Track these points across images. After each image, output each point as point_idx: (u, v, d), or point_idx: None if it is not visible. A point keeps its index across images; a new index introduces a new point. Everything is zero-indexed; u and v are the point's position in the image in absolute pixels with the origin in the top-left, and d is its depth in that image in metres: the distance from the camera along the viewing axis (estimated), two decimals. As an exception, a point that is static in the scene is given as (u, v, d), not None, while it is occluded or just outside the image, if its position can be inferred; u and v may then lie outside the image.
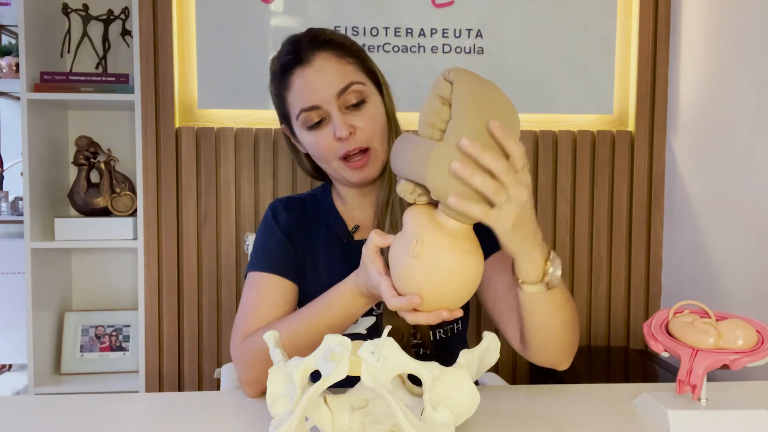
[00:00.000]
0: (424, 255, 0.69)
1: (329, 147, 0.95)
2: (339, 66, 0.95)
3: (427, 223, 0.70)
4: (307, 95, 0.94)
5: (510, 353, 2.07)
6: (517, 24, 1.99)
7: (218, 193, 1.98)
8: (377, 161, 0.97)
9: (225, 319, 1.99)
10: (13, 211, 2.34)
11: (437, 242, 0.69)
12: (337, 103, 0.93)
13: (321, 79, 0.94)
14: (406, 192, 0.73)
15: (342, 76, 0.94)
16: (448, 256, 0.69)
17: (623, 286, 2.09)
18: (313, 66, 0.94)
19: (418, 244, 0.69)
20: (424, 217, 0.71)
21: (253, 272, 0.98)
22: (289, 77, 0.96)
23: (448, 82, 0.70)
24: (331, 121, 0.94)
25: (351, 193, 1.05)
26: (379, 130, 0.97)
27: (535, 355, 0.88)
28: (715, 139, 1.77)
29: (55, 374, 1.99)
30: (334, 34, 0.99)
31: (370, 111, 0.96)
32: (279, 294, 0.97)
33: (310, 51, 0.95)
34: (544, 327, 0.82)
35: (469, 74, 0.70)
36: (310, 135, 0.96)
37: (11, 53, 2.00)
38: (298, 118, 0.96)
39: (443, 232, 0.70)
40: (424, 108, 0.72)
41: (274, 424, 0.66)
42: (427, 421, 0.64)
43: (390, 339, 0.64)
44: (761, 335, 0.77)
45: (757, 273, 1.57)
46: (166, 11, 1.92)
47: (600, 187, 2.05)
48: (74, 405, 0.86)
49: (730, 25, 1.70)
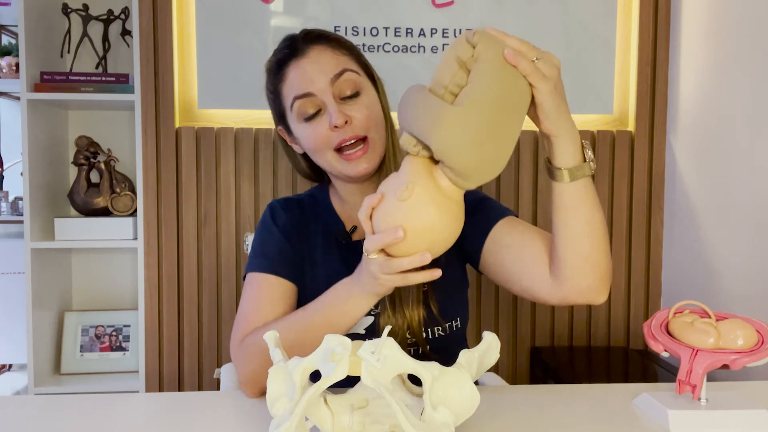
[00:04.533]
0: (410, 201, 0.70)
1: (325, 137, 0.95)
2: (333, 55, 0.96)
3: (423, 175, 0.72)
4: (301, 83, 0.95)
5: (510, 353, 2.07)
6: (517, 24, 1.99)
7: (218, 193, 1.98)
8: (375, 153, 0.96)
9: (225, 319, 1.99)
10: (13, 211, 2.34)
11: (426, 194, 0.71)
12: (331, 91, 0.94)
13: (316, 68, 0.95)
14: (409, 144, 0.74)
15: (335, 63, 0.95)
16: (431, 209, 0.70)
17: (623, 286, 2.09)
18: (308, 57, 0.96)
19: (408, 189, 0.70)
20: (423, 168, 0.72)
21: (253, 273, 0.98)
22: (284, 69, 0.98)
23: (470, 45, 0.70)
24: (326, 112, 0.94)
25: (349, 191, 1.04)
26: (375, 120, 0.96)
27: (572, 285, 0.83)
28: (715, 139, 1.77)
29: (55, 374, 1.99)
30: (327, 31, 1.01)
31: (365, 101, 0.96)
32: (278, 294, 0.96)
33: (305, 44, 0.97)
34: (582, 230, 0.80)
35: (494, 41, 0.70)
36: (306, 127, 0.96)
37: (11, 53, 2.00)
38: (292, 108, 0.96)
39: (435, 187, 0.71)
40: (441, 67, 0.72)
41: (274, 424, 0.66)
42: (427, 421, 0.65)
43: (390, 339, 0.64)
44: (761, 335, 0.77)
45: (757, 273, 1.57)
46: (166, 11, 1.92)
47: (600, 187, 2.05)
48: (74, 405, 0.86)
49: (730, 25, 1.70)
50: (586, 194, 0.79)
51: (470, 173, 0.70)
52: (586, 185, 0.79)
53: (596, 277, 0.83)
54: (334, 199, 1.07)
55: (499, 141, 0.70)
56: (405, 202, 0.70)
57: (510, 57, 0.70)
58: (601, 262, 0.82)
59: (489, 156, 0.70)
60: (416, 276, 0.75)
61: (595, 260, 0.82)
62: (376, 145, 0.96)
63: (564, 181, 0.78)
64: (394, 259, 0.73)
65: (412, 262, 0.72)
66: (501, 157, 0.71)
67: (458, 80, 0.70)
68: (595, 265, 0.82)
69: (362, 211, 0.75)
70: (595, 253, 0.82)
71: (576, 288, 0.84)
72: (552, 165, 0.79)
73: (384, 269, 0.75)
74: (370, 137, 0.95)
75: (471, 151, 0.68)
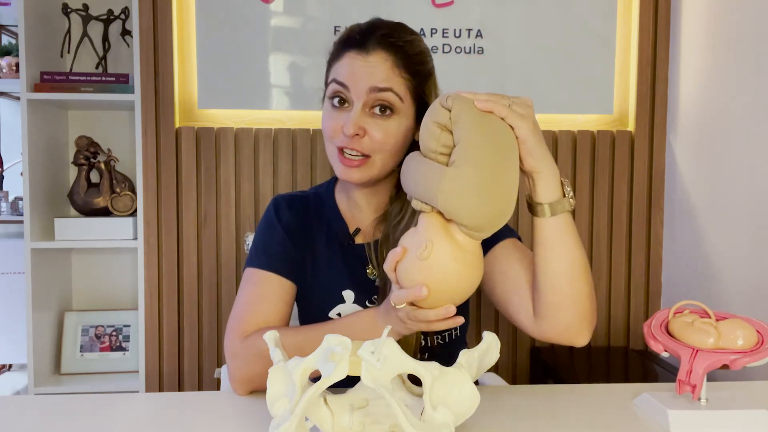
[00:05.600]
0: (431, 260, 0.73)
1: (335, 131, 0.94)
2: (390, 72, 0.92)
3: (440, 232, 0.74)
4: (346, 74, 0.93)
5: (510, 353, 2.07)
6: (517, 24, 1.99)
7: (218, 193, 1.98)
8: (372, 169, 0.95)
9: (225, 319, 1.99)
10: (13, 211, 2.34)
11: (445, 251, 0.73)
12: (365, 98, 0.91)
13: (366, 71, 0.92)
14: (422, 206, 0.76)
15: (386, 77, 0.91)
16: (452, 266, 0.73)
17: (623, 286, 2.09)
18: (368, 57, 0.92)
19: (427, 248, 0.73)
20: (438, 224, 0.75)
21: (253, 269, 0.97)
22: (344, 51, 0.95)
23: (446, 109, 0.74)
24: (348, 111, 0.93)
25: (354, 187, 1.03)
26: (389, 146, 0.93)
27: (551, 324, 0.84)
28: (715, 139, 1.77)
29: (55, 374, 1.99)
30: (410, 43, 0.96)
31: (391, 126, 0.92)
32: (278, 293, 0.96)
33: (375, 44, 0.93)
34: (562, 267, 0.81)
35: (466, 100, 0.75)
36: (329, 108, 0.96)
37: (11, 53, 2.00)
38: (329, 85, 0.96)
39: (453, 243, 0.74)
40: (424, 135, 0.77)
41: (274, 424, 0.66)
42: (427, 421, 0.65)
43: (390, 339, 0.64)
44: (761, 335, 0.77)
45: (756, 273, 1.57)
46: (166, 11, 1.92)
47: (600, 187, 2.05)
48: (74, 405, 0.86)
49: (730, 25, 1.70)
50: (566, 229, 0.81)
51: (482, 226, 0.73)
52: (566, 221, 0.81)
53: (575, 318, 0.83)
54: (340, 198, 1.06)
55: (501, 187, 0.73)
56: (426, 261, 0.73)
57: (484, 105, 0.74)
58: (580, 302, 0.83)
59: (496, 205, 0.72)
60: (440, 324, 0.77)
61: (574, 300, 0.83)
62: (375, 166, 0.94)
63: (545, 216, 0.80)
64: (420, 310, 0.76)
65: (438, 314, 0.75)
66: (508, 202, 0.73)
67: (444, 141, 0.75)
68: (575, 305, 0.83)
69: (387, 264, 0.77)
70: (574, 293, 0.82)
71: (554, 327, 0.84)
72: (533, 201, 0.81)
73: (411, 317, 0.77)
74: (373, 158, 0.94)
75: (477, 206, 0.71)
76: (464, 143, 0.72)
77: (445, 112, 0.74)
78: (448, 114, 0.74)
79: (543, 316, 0.85)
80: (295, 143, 1.98)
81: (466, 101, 0.75)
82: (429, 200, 0.74)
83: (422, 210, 0.76)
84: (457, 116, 0.73)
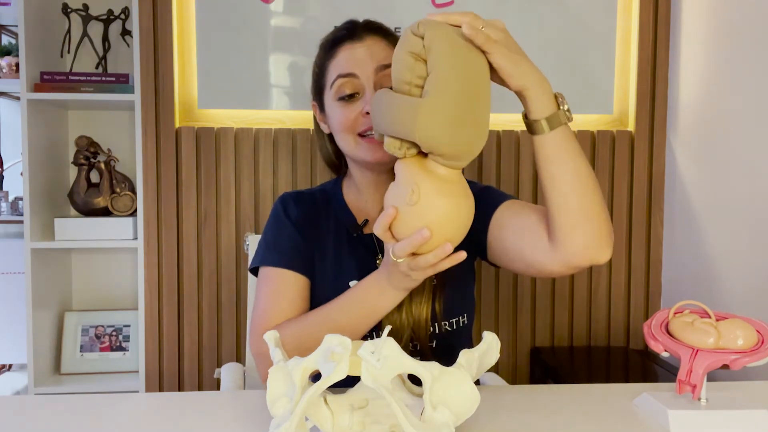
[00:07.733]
0: (421, 202, 0.73)
1: (353, 121, 0.97)
2: (388, 50, 0.98)
3: (421, 173, 0.75)
4: (349, 63, 0.98)
5: (510, 353, 2.07)
6: (517, 24, 1.99)
7: (218, 193, 1.98)
8: None
9: (225, 319, 1.99)
10: (13, 211, 2.34)
11: (432, 189, 0.74)
12: (374, 79, 0.97)
13: (367, 54, 0.98)
14: (395, 148, 0.77)
15: (386, 55, 0.97)
16: (443, 200, 0.74)
17: (623, 286, 2.09)
18: (363, 42, 0.99)
19: (414, 192, 0.74)
20: (416, 167, 0.75)
21: (267, 267, 0.99)
22: (336, 48, 1.01)
23: (418, 36, 0.74)
24: (362, 98, 0.97)
25: (366, 181, 1.05)
26: None
27: (570, 248, 0.81)
28: (715, 139, 1.77)
29: (55, 374, 1.99)
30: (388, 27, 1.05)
31: None
32: (295, 289, 0.98)
33: (364, 31, 1.01)
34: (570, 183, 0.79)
35: (438, 26, 0.74)
36: (339, 107, 0.98)
37: (11, 53, 2.00)
38: (332, 86, 0.99)
39: (436, 178, 0.75)
40: (397, 66, 0.76)
41: (274, 424, 0.66)
42: (427, 421, 0.65)
43: (390, 339, 0.64)
44: (761, 335, 0.77)
45: (757, 273, 1.57)
46: (166, 11, 1.92)
47: (600, 187, 2.05)
48: (74, 405, 0.86)
49: (730, 25, 1.70)
50: (568, 143, 0.80)
51: (460, 153, 0.74)
52: (566, 134, 0.80)
53: (593, 234, 0.80)
54: (348, 192, 1.08)
55: (476, 115, 0.74)
56: (417, 205, 0.73)
57: (468, 33, 0.74)
58: (594, 216, 0.81)
59: (472, 132, 0.74)
60: (444, 263, 0.78)
61: (587, 215, 0.80)
62: None
63: (544, 132, 0.79)
64: (420, 257, 0.76)
65: (437, 255, 0.75)
66: (483, 128, 0.75)
67: (419, 72, 0.74)
68: (589, 221, 0.80)
69: (380, 227, 0.77)
70: (586, 207, 0.80)
71: (573, 248, 0.81)
72: (529, 119, 0.80)
73: (413, 267, 0.78)
74: None
75: (455, 134, 0.72)
76: (438, 73, 0.72)
77: (418, 39, 0.74)
78: (421, 42, 0.74)
79: (560, 242, 0.81)
80: (295, 143, 1.98)
81: (438, 26, 0.74)
82: (406, 135, 0.74)
83: (395, 153, 0.77)
84: (430, 43, 0.73)
